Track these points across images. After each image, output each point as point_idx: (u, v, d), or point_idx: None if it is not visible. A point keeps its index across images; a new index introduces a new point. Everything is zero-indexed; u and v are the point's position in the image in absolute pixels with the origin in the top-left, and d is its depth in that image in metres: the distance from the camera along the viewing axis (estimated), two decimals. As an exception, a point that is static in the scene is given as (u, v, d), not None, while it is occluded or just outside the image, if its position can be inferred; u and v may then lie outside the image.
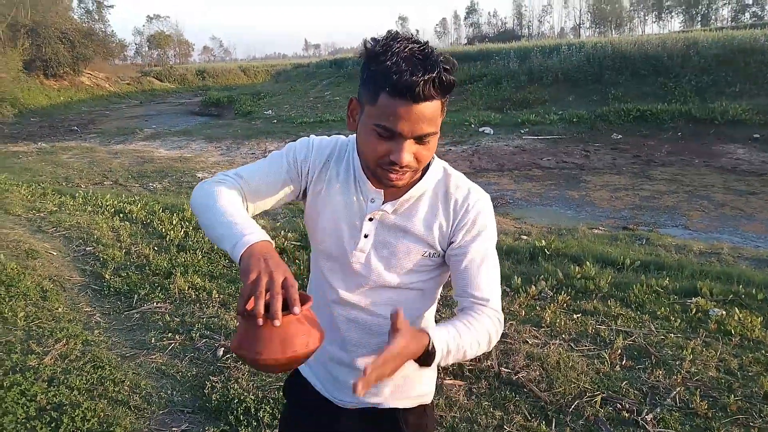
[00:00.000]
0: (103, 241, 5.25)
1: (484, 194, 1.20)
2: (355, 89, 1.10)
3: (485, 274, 1.16)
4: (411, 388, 1.32)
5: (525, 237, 6.02)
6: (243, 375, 3.06)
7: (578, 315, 3.80)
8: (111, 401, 2.84)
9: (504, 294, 4.20)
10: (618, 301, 3.99)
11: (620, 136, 13.15)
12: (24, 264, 4.44)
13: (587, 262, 4.66)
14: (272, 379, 2.99)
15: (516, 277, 4.40)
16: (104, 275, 4.43)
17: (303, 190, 1.24)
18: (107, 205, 6.64)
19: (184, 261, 4.72)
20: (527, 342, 3.39)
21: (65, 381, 2.96)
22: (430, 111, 1.00)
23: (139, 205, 6.59)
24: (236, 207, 1.09)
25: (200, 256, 4.84)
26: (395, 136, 1.02)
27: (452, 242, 1.18)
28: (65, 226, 5.71)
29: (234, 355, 3.13)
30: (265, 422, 2.64)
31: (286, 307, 0.91)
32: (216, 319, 3.73)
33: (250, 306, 0.90)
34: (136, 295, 4.11)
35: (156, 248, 5.12)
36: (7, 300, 3.89)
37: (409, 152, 1.04)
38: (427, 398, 1.36)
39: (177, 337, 3.52)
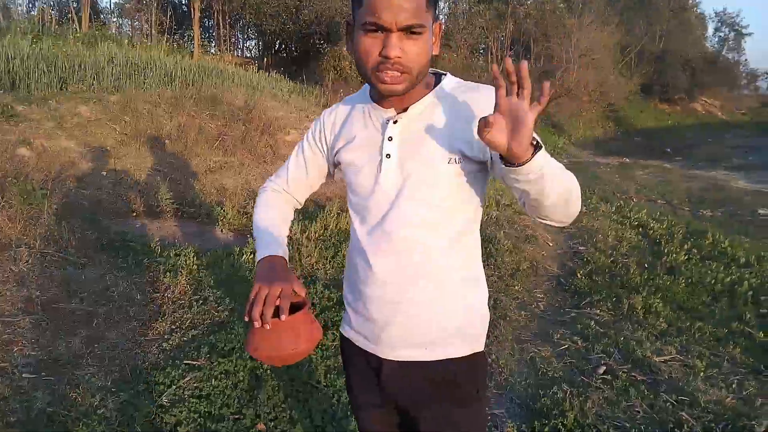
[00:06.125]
0: (597, 245, 5.31)
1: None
2: None
3: None
4: (465, 328, 1.20)
5: None
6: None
7: None
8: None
9: None
10: None
11: None
12: (517, 245, 4.98)
13: None
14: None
15: None
16: (577, 273, 4.53)
17: (332, 162, 1.31)
18: (633, 218, 6.62)
19: (661, 283, 4.29)
20: None
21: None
22: (410, 1, 1.02)
23: (664, 225, 6.28)
24: (264, 219, 1.29)
25: (683, 283, 4.30)
26: (382, 29, 1.04)
27: None
28: (577, 226, 6.01)
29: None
30: None
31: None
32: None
33: (252, 312, 1.06)
34: (586, 298, 4.05)
35: (646, 264, 4.83)
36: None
37: (396, 45, 1.04)
38: (480, 343, 1.23)
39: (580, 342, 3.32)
